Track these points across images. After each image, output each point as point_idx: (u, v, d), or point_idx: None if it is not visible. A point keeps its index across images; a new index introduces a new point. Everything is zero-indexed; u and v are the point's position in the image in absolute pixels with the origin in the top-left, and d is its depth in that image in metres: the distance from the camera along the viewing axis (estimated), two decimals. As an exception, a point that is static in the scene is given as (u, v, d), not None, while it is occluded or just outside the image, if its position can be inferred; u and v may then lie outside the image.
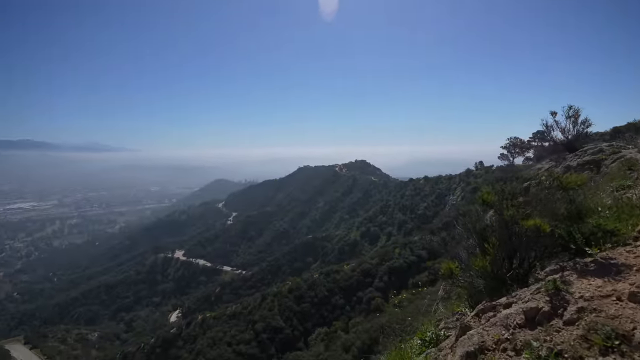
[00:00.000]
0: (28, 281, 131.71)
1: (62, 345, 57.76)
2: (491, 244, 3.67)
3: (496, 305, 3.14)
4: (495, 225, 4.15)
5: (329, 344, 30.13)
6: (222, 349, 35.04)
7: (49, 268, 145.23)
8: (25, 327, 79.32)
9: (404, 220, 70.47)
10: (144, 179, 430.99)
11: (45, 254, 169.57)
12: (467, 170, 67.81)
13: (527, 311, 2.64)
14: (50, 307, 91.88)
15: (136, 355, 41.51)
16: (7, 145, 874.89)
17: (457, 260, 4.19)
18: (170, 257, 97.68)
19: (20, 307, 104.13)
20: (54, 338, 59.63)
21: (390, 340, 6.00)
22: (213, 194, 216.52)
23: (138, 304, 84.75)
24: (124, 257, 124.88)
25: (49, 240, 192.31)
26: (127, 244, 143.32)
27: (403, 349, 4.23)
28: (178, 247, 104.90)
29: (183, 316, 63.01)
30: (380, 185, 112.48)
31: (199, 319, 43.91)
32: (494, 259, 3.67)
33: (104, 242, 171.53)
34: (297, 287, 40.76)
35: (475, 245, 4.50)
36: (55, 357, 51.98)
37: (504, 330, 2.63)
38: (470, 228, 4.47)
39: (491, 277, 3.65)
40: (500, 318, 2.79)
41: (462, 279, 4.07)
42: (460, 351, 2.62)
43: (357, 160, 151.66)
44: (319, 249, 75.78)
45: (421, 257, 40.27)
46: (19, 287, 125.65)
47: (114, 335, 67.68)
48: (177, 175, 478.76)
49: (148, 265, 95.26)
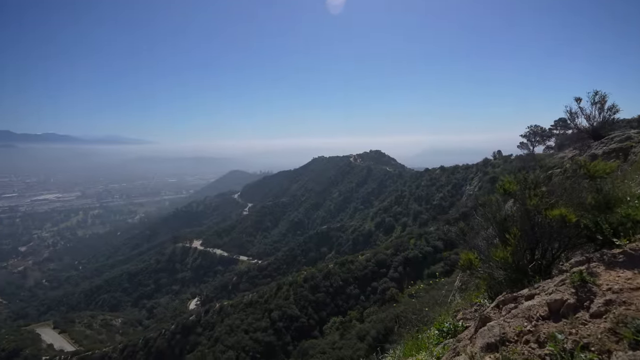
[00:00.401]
0: (55, 269, 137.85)
1: (89, 330, 60.40)
2: (512, 234, 3.57)
3: (517, 296, 3.06)
4: (517, 215, 4.03)
5: (343, 333, 30.44)
6: (239, 336, 35.90)
7: (74, 257, 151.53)
8: (54, 313, 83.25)
9: (419, 211, 69.78)
10: (162, 171, 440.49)
11: (70, 244, 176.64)
12: (484, 160, 66.34)
13: (551, 303, 2.56)
14: (76, 293, 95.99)
15: (158, 341, 43.01)
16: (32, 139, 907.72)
17: (476, 251, 4.10)
18: (189, 246, 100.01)
19: (49, 293, 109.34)
20: (80, 323, 62.37)
21: (406, 330, 5.99)
22: (229, 185, 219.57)
23: (158, 292, 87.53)
24: (145, 247, 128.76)
25: (74, 230, 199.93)
26: (147, 234, 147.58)
27: (420, 339, 4.21)
28: (196, 237, 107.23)
29: (201, 304, 64.71)
30: (395, 176, 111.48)
31: (217, 306, 45.02)
32: (515, 249, 3.57)
33: (125, 232, 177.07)
34: (312, 277, 41.14)
35: (495, 236, 4.39)
36: (83, 341, 54.44)
37: (526, 322, 2.56)
38: (490, 218, 4.36)
39: (512, 268, 3.55)
40: (522, 310, 2.72)
41: (482, 269, 3.98)
42: (481, 342, 2.58)
43: (371, 151, 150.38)
44: (333, 239, 76.10)
45: (437, 248, 39.92)
46: (47, 275, 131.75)
47: (137, 321, 70.26)
48: (194, 166, 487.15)
49: (167, 255, 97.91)
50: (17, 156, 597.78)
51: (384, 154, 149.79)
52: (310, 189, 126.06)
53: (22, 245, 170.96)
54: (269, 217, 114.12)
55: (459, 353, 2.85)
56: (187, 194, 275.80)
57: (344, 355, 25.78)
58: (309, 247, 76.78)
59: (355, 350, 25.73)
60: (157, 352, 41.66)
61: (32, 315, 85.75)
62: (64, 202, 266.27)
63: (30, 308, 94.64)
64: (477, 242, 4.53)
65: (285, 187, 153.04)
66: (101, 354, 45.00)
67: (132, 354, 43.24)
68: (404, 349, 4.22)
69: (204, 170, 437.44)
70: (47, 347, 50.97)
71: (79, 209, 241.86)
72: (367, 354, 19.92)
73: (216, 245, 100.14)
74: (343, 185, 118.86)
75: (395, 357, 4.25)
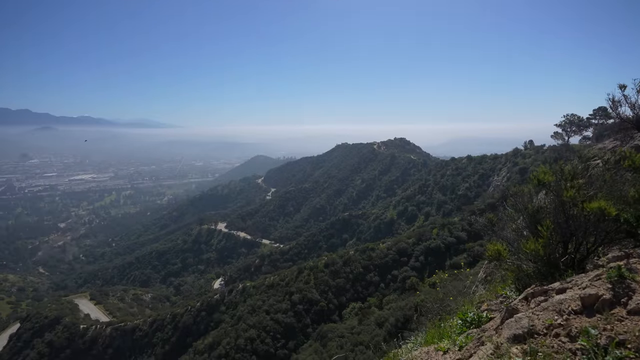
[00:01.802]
0: (91, 245, 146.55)
1: (121, 303, 64.23)
2: (545, 226, 3.45)
3: (548, 290, 2.98)
4: (550, 207, 3.89)
5: (362, 319, 30.77)
6: (261, 316, 37.08)
7: (108, 234, 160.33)
8: (90, 285, 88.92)
9: (443, 201, 68.44)
10: (190, 154, 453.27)
11: (104, 222, 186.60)
12: (514, 150, 63.84)
13: (584, 298, 2.48)
14: (110, 269, 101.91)
15: (184, 317, 45.18)
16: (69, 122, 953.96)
17: (505, 242, 3.99)
18: (214, 228, 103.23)
19: (85, 267, 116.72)
20: (114, 296, 66.39)
21: (428, 318, 5.98)
22: (253, 170, 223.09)
23: (185, 271, 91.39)
24: (172, 227, 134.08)
25: (107, 209, 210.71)
26: (175, 215, 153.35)
27: (442, 327, 4.20)
28: (221, 220, 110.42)
29: (225, 284, 67.05)
30: (419, 164, 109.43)
31: (239, 287, 46.55)
32: (547, 242, 3.45)
33: (154, 212, 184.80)
34: (333, 263, 41.57)
35: (525, 228, 4.26)
36: (116, 313, 58.02)
37: (557, 316, 2.50)
38: (521, 209, 4.23)
39: (543, 261, 3.45)
40: (552, 303, 2.65)
41: (510, 261, 3.89)
42: (507, 333, 2.54)
43: (396, 138, 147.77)
44: (354, 227, 76.21)
45: (460, 239, 39.20)
46: (84, 250, 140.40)
47: (165, 297, 73.92)
48: (220, 150, 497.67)
49: (193, 236, 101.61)
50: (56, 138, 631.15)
51: (408, 141, 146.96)
52: (333, 175, 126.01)
53: (61, 222, 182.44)
54: (291, 202, 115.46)
55: (484, 342, 2.83)
56: (212, 178, 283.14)
57: (362, 340, 26.13)
58: (331, 233, 77.33)
59: (373, 336, 26.02)
60: (183, 327, 43.81)
61: (71, 287, 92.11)
62: (98, 182, 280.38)
63: (69, 280, 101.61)
64: (506, 234, 4.41)
65: (308, 173, 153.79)
66: (133, 326, 47.88)
67: (161, 328, 45.72)
68: (426, 336, 4.23)
69: (229, 155, 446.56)
70: (85, 317, 54.76)
71: (112, 189, 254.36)
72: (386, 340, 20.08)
73: (240, 228, 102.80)
74: (366, 172, 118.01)
75: (417, 344, 4.27)
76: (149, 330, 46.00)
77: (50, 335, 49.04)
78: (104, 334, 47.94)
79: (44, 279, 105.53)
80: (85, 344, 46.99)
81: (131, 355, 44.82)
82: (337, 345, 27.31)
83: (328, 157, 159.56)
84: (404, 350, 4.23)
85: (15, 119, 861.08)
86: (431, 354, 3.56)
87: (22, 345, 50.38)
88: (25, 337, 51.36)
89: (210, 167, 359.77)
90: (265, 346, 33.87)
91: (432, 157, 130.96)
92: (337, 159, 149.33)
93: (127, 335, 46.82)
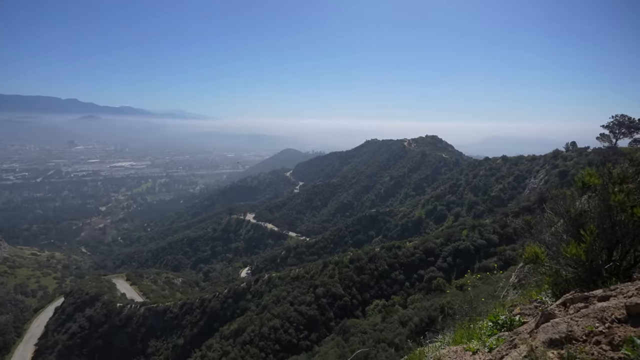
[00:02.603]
0: (128, 229, 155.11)
1: (154, 285, 67.64)
2: (588, 231, 3.29)
3: (589, 296, 2.87)
4: (595, 212, 3.71)
5: (386, 316, 30.58)
6: (285, 307, 37.80)
7: (144, 219, 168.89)
8: (127, 267, 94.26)
9: (474, 202, 66.22)
10: (222, 146, 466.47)
11: (141, 207, 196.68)
12: (554, 152, 60.56)
13: (630, 306, 2.37)
14: (145, 252, 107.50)
15: (212, 302, 46.90)
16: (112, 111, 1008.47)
17: (544, 246, 3.85)
18: (242, 219, 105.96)
19: (122, 249, 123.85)
20: (147, 279, 70.02)
21: (456, 319, 5.89)
22: (282, 163, 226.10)
23: (214, 258, 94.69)
24: (203, 215, 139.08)
25: (144, 196, 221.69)
26: (206, 204, 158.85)
27: (472, 328, 4.13)
28: (249, 211, 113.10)
29: (252, 273, 68.83)
30: (451, 163, 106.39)
31: (265, 277, 47.61)
32: (590, 247, 3.30)
33: (187, 200, 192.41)
34: (358, 259, 41.50)
35: (565, 232, 4.08)
36: (149, 294, 61.23)
37: (598, 323, 2.41)
38: (562, 212, 4.05)
39: (584, 267, 3.30)
40: (593, 310, 2.55)
41: (548, 265, 3.75)
42: (543, 337, 2.48)
43: (427, 136, 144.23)
44: (381, 224, 75.52)
45: (491, 241, 37.84)
46: (122, 233, 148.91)
47: (194, 282, 77.04)
48: (251, 143, 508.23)
49: (223, 225, 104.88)
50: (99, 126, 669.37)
51: (440, 139, 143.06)
52: (361, 171, 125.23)
53: (102, 205, 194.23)
54: (319, 196, 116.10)
55: (516, 345, 2.77)
56: (243, 169, 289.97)
57: (384, 338, 26.00)
58: (357, 229, 77.11)
59: (396, 334, 25.81)
60: (211, 312, 45.52)
61: (109, 267, 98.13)
62: (136, 169, 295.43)
63: (108, 260, 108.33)
64: (544, 237, 4.25)
65: (336, 168, 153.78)
66: (164, 308, 50.37)
67: (190, 311, 47.77)
68: (455, 336, 4.18)
69: (259, 147, 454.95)
70: (121, 296, 58.23)
71: (148, 177, 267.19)
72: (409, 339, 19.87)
73: (267, 219, 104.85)
74: (395, 169, 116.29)
75: (445, 343, 4.23)
76: (179, 313, 48.21)
77: (90, 310, 52.65)
78: (138, 313, 50.80)
79: (86, 258, 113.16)
80: (121, 321, 50.06)
81: (162, 334, 47.24)
82: (359, 340, 27.35)
83: (357, 153, 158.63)
84: (430, 349, 4.21)
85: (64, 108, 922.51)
86: (459, 354, 3.53)
87: (66, 318, 54.50)
88: (68, 310, 55.50)
89: (240, 159, 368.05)
90: (288, 336, 34.56)
91: (465, 156, 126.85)
92: (366, 154, 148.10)
93: (158, 316, 49.35)
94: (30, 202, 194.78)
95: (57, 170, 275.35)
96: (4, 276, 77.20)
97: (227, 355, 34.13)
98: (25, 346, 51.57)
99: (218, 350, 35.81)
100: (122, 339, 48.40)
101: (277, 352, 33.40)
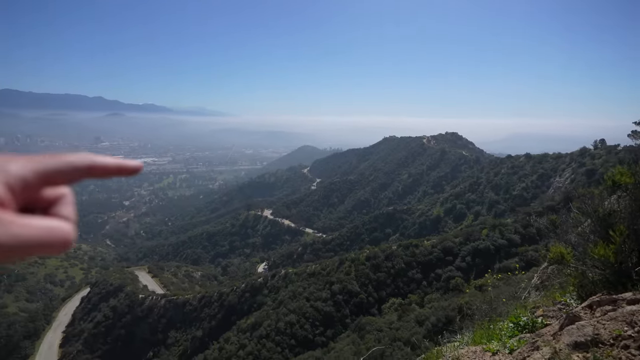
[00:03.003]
0: (150, 223, 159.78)
1: (174, 278, 69.51)
2: (618, 231, 3.16)
3: (617, 299, 2.75)
4: (625, 212, 3.55)
5: (402, 315, 30.33)
6: (301, 303, 38.10)
7: (165, 214, 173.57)
8: (148, 259, 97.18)
9: (495, 200, 64.65)
10: (240, 142, 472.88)
11: (162, 202, 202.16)
12: (581, 149, 58.35)
13: (662, 310, 2.26)
14: (166, 246, 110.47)
15: (229, 296, 47.81)
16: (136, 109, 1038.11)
17: (570, 246, 3.72)
18: (260, 215, 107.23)
19: (145, 242, 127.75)
20: (168, 271, 72.03)
21: (475, 319, 5.78)
22: (299, 159, 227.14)
23: (232, 253, 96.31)
24: (222, 211, 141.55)
25: (165, 191, 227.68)
26: (225, 199, 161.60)
27: (492, 329, 4.05)
28: (267, 207, 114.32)
29: (269, 268, 69.64)
30: (471, 161, 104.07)
31: (282, 273, 48.09)
32: (619, 249, 3.16)
33: (206, 196, 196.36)
34: (375, 256, 41.29)
35: (593, 232, 3.93)
36: (170, 286, 62.98)
37: (627, 327, 2.31)
38: (590, 212, 3.90)
39: (613, 268, 3.17)
40: (622, 313, 2.45)
41: (574, 266, 3.62)
42: (568, 340, 2.40)
43: (447, 133, 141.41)
44: (399, 222, 74.81)
45: (512, 241, 36.88)
46: (144, 227, 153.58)
47: (213, 276, 78.64)
48: (269, 139, 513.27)
49: (241, 220, 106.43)
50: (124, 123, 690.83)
51: (460, 136, 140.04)
52: (379, 168, 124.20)
53: (126, 200, 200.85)
54: (336, 193, 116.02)
55: (539, 347, 2.69)
56: (260, 166, 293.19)
57: (400, 336, 25.81)
58: (374, 226, 76.70)
59: (412, 333, 25.55)
60: (229, 306, 46.41)
61: (132, 259, 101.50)
62: (158, 165, 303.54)
63: (130, 253, 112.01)
64: (570, 237, 4.11)
65: (353, 165, 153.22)
66: (184, 300, 51.72)
67: (208, 304, 48.87)
68: (474, 337, 4.11)
69: (277, 144, 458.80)
70: (143, 287, 60.15)
71: (170, 172, 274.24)
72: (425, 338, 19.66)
73: (285, 215, 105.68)
74: (413, 167, 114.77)
75: (463, 343, 4.17)
76: (198, 305, 49.40)
77: (114, 301, 54.67)
78: (159, 305, 52.38)
79: (110, 250, 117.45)
80: (142, 312, 51.74)
81: (181, 326, 48.57)
82: (375, 338, 27.26)
83: (375, 150, 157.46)
84: (448, 348, 4.15)
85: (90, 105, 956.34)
86: (479, 354, 3.47)
87: (91, 307, 56.81)
88: (94, 300, 57.83)
89: (258, 156, 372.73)
90: (304, 331, 34.84)
91: (486, 154, 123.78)
92: (384, 152, 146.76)
93: (178, 308, 50.73)
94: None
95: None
96: (35, 266, 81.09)
97: (244, 348, 34.73)
98: (54, 333, 54.17)
99: (235, 343, 36.48)
100: (143, 329, 50.04)
101: (292, 347, 33.74)
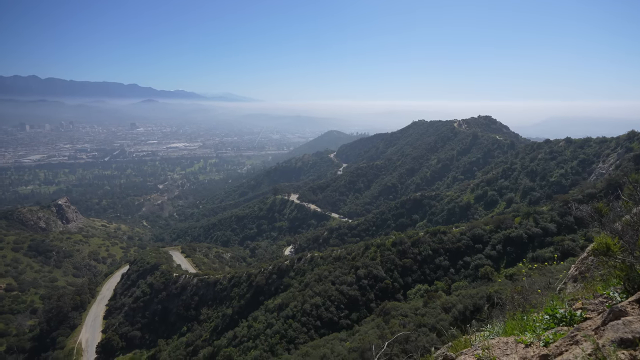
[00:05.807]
0: (182, 205, 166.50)
1: (206, 258, 72.53)
2: (674, 221, 2.87)
3: (671, 295, 2.52)
4: (684, 200, 3.21)
5: (428, 301, 30.05)
6: (326, 286, 38.64)
7: (196, 197, 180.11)
8: (181, 240, 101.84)
9: (530, 187, 61.75)
10: (267, 128, 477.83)
11: (193, 186, 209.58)
12: (629, 133, 54.27)
13: None
14: (197, 227, 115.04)
15: (257, 277, 49.30)
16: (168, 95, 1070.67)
17: (616, 236, 3.44)
18: (287, 199, 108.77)
19: (177, 224, 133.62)
20: (200, 252, 75.16)
21: (506, 309, 5.57)
22: (326, 144, 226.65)
23: (260, 236, 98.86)
24: (250, 195, 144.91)
25: (196, 175, 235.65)
26: (252, 184, 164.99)
27: (525, 320, 3.87)
28: (293, 191, 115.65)
29: (295, 252, 70.96)
30: (505, 146, 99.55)
31: (308, 256, 48.85)
32: (675, 240, 2.88)
33: (235, 180, 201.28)
34: (401, 242, 40.92)
35: (644, 222, 3.61)
36: (201, 266, 65.85)
37: (683, 326, 2.10)
38: (641, 200, 3.58)
39: (667, 261, 2.90)
40: (677, 310, 2.23)
41: (621, 257, 3.35)
42: (612, 336, 2.23)
43: (480, 116, 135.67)
44: (426, 208, 73.43)
45: (548, 230, 35.24)
46: (177, 209, 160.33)
47: (242, 257, 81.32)
48: (295, 124, 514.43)
49: (268, 204, 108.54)
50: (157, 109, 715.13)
51: (494, 120, 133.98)
52: (407, 153, 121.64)
53: (160, 183, 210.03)
54: (362, 178, 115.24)
55: (579, 342, 2.53)
56: (287, 150, 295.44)
57: (426, 322, 25.65)
58: (400, 212, 75.79)
59: (438, 320, 25.34)
60: (257, 286, 47.94)
61: (167, 240, 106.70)
62: (189, 150, 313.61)
63: (165, 234, 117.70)
64: (617, 227, 3.80)
65: (380, 149, 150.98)
66: (214, 279, 53.98)
67: (237, 284, 50.73)
68: (505, 327, 3.95)
69: (304, 129, 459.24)
70: (177, 267, 63.33)
71: (200, 157, 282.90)
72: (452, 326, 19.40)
73: (311, 200, 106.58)
74: (443, 152, 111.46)
75: (494, 333, 4.02)
76: (228, 285, 51.41)
77: (151, 278, 57.97)
78: (191, 283, 55.03)
79: (147, 231, 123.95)
80: (177, 290, 54.60)
81: (212, 304, 50.87)
82: (400, 323, 27.25)
83: (402, 135, 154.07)
84: (478, 337, 4.02)
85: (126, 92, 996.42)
86: (510, 345, 3.33)
87: (131, 283, 60.61)
88: (132, 277, 61.62)
89: (285, 140, 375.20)
90: (329, 314, 35.45)
91: (522, 139, 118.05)
92: (412, 136, 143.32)
93: (209, 287, 53.08)
94: (99, 179, 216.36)
95: (121, 151, 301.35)
96: (80, 244, 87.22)
97: (272, 327, 35.92)
98: (98, 306, 58.49)
99: (263, 322, 37.80)
100: (177, 306, 52.91)
101: (318, 328, 34.47)
